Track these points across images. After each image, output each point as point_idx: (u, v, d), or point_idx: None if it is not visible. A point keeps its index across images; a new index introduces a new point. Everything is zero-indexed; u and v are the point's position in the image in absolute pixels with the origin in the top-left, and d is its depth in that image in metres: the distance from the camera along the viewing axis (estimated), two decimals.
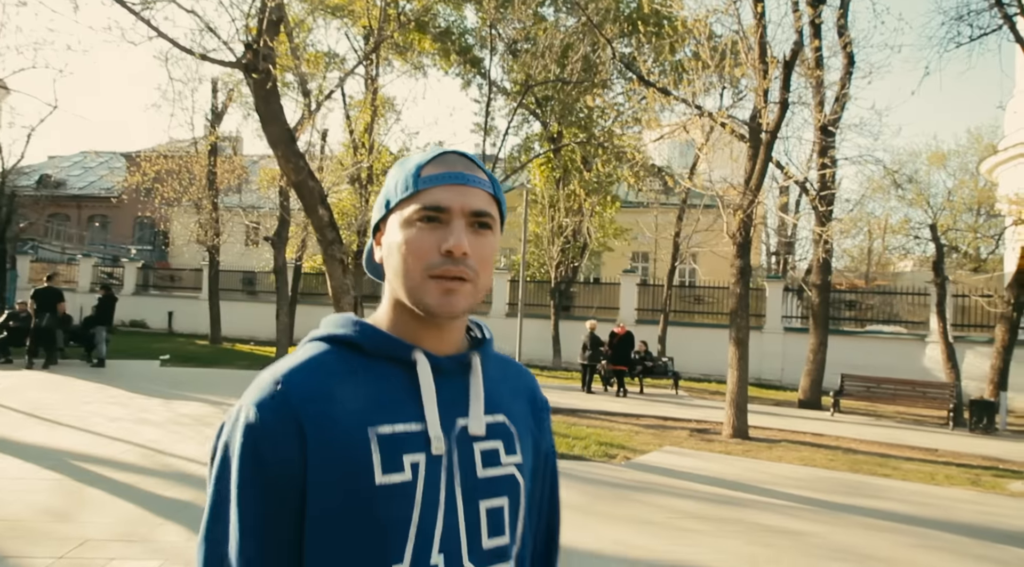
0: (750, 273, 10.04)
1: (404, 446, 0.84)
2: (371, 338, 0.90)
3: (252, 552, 0.81)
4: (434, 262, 0.86)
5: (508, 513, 0.92)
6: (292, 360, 0.88)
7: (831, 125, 11.61)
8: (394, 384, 0.88)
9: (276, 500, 0.82)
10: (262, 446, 0.81)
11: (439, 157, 0.91)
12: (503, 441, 0.94)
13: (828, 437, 9.84)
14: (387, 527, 0.82)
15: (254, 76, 7.23)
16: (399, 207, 0.91)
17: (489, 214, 0.90)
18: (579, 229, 18.49)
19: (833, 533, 5.28)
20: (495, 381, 0.98)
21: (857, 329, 17.65)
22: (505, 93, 19.68)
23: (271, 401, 0.83)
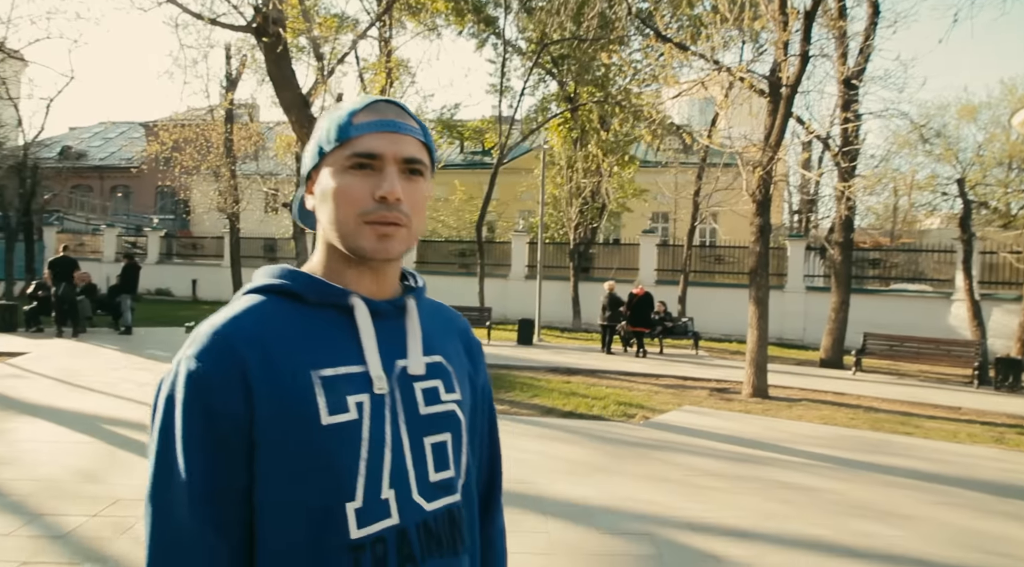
0: (770, 232, 9.91)
1: (347, 387, 0.87)
2: (307, 285, 0.92)
3: (206, 505, 0.82)
4: (368, 208, 0.88)
5: (452, 447, 0.96)
6: (228, 311, 0.89)
7: (854, 78, 11.27)
8: (333, 329, 0.90)
9: (225, 450, 0.82)
10: (208, 397, 0.82)
11: (370, 105, 0.92)
12: (442, 380, 0.97)
13: (849, 396, 9.79)
14: (337, 466, 0.84)
15: (265, 40, 7.17)
16: (331, 155, 0.92)
17: (421, 161, 0.92)
18: (597, 190, 18.31)
19: (852, 490, 5.28)
20: (430, 324, 1.01)
21: (881, 287, 17.42)
22: (520, 52, 19.36)
23: (213, 351, 0.83)
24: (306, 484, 0.83)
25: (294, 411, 0.83)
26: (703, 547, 4.04)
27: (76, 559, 3.49)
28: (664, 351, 14.23)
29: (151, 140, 20.12)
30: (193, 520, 0.82)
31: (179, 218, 34.90)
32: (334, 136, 0.92)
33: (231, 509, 0.83)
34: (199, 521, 0.82)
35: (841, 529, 4.40)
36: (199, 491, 0.82)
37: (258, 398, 0.83)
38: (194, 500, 0.82)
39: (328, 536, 0.84)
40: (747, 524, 4.43)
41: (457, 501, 0.96)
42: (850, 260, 13.66)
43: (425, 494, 0.91)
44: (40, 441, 5.74)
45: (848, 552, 4.03)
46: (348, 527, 0.84)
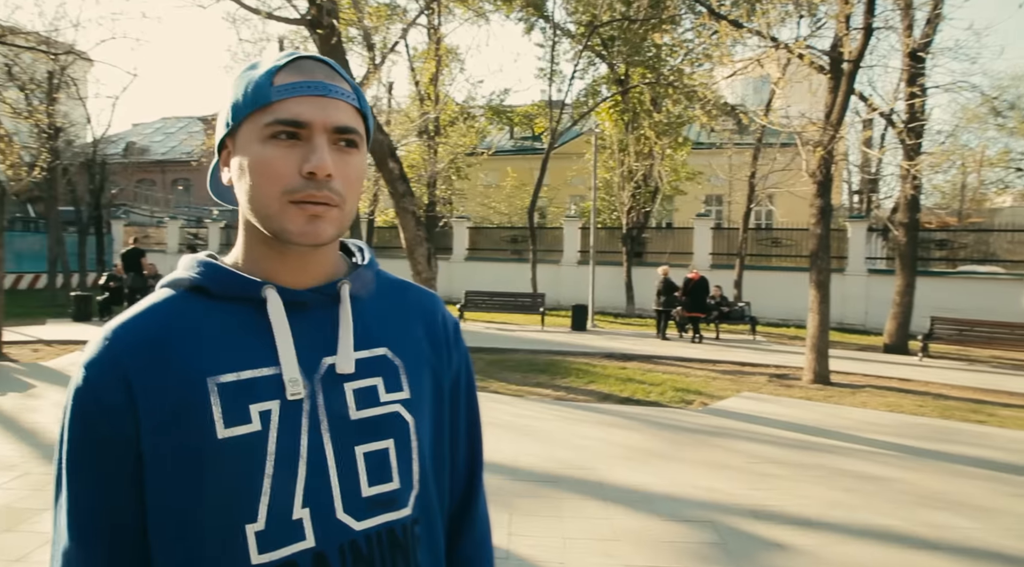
0: (831, 213, 9.61)
1: (252, 394, 0.76)
2: (214, 279, 0.80)
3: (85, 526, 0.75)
4: (294, 185, 0.76)
5: (395, 455, 0.82)
6: (130, 311, 0.80)
7: (921, 50, 10.78)
8: (243, 327, 0.79)
9: (109, 466, 0.74)
10: (89, 410, 0.74)
11: (293, 62, 0.79)
12: (383, 377, 0.84)
13: (916, 382, 9.46)
14: (234, 485, 0.74)
15: (319, 32, 7.26)
16: (248, 121, 0.78)
17: (355, 131, 0.79)
18: (650, 173, 18.06)
19: (923, 480, 5.12)
20: (380, 309, 0.88)
21: (948, 269, 16.74)
22: (569, 35, 19.16)
23: (98, 359, 0.75)
24: (199, 505, 0.73)
25: (184, 424, 0.73)
26: (767, 535, 3.99)
27: None
28: (720, 336, 14.01)
29: (210, 133, 20.71)
30: (78, 551, 0.75)
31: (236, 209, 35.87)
32: (251, 99, 0.78)
33: (121, 535, 0.75)
34: (84, 552, 0.75)
35: (912, 520, 4.28)
36: (83, 519, 0.75)
37: (143, 411, 0.73)
38: (78, 529, 0.75)
39: (226, 561, 0.74)
40: (812, 513, 4.35)
41: (404, 517, 0.82)
42: (916, 241, 13.16)
43: (354, 512, 0.79)
44: None
45: (921, 544, 3.92)
46: (248, 551, 0.74)
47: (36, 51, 12.51)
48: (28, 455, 5.10)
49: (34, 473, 4.67)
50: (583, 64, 19.67)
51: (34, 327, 12.52)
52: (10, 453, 5.13)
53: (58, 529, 0.77)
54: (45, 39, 13.00)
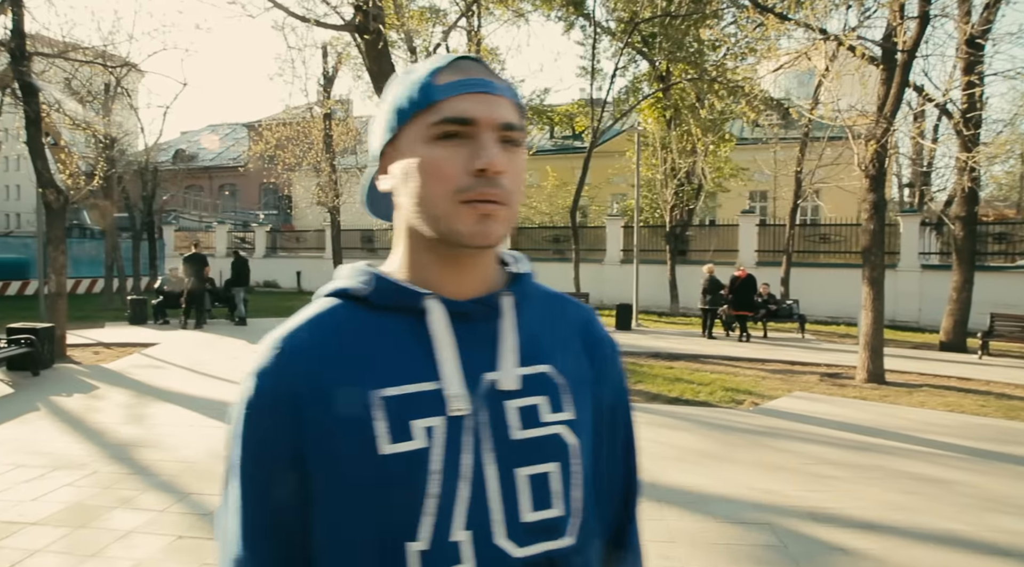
0: (885, 207, 9.35)
1: (415, 409, 0.74)
2: (376, 289, 0.79)
3: (256, 541, 0.75)
4: (465, 184, 0.73)
5: (559, 480, 0.78)
6: (295, 320, 0.79)
7: (980, 37, 10.40)
8: (406, 339, 0.77)
9: (277, 475, 0.75)
10: (258, 420, 0.75)
11: (453, 63, 0.78)
12: (547, 395, 0.80)
13: (976, 381, 9.15)
14: (397, 502, 0.72)
15: (365, 37, 7.38)
16: (411, 124, 0.77)
17: (519, 127, 0.78)
18: (693, 170, 17.83)
19: (988, 483, 4.96)
20: (539, 323, 0.84)
21: (1007, 264, 16.13)
22: (610, 33, 19.04)
23: (267, 367, 0.75)
24: (362, 521, 0.73)
25: (349, 438, 0.72)
26: (828, 538, 3.91)
27: None
28: (768, 335, 13.76)
29: (255, 139, 21.18)
30: (247, 557, 0.75)
31: (282, 213, 36.67)
32: (415, 101, 0.76)
33: (287, 544, 0.76)
34: (253, 559, 0.75)
35: (979, 524, 4.14)
36: (251, 526, 0.75)
37: (308, 424, 0.73)
38: (247, 536, 0.75)
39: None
40: (873, 515, 4.25)
41: (566, 547, 0.77)
42: (974, 236, 12.71)
43: (515, 537, 0.75)
44: (179, 425, 6.22)
45: (990, 549, 3.80)
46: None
47: (94, 64, 12.95)
48: (96, 454, 5.30)
49: (102, 472, 4.85)
50: (624, 61, 19.53)
51: (94, 330, 12.99)
52: (79, 452, 5.34)
53: (227, 534, 0.77)
54: (101, 52, 13.46)
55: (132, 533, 3.79)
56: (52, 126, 12.92)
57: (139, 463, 5.09)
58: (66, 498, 4.32)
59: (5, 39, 9.63)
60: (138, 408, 6.96)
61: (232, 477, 0.77)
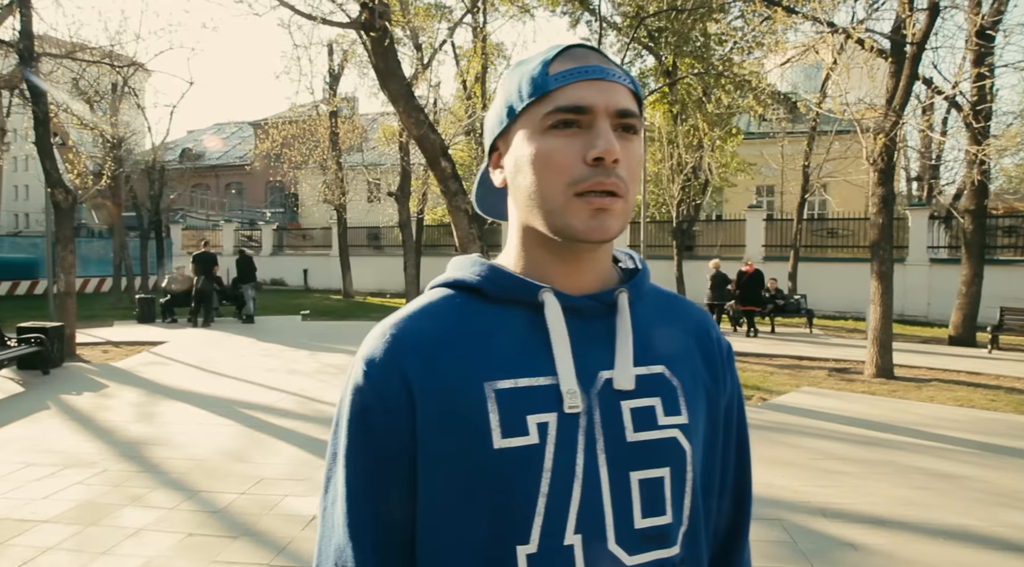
0: (893, 201, 9.29)
1: (530, 403, 0.71)
2: (492, 280, 0.77)
3: (363, 532, 0.73)
4: (580, 175, 0.71)
5: (670, 486, 0.75)
6: (407, 309, 0.78)
7: (990, 28, 10.31)
8: (521, 332, 0.75)
9: (387, 472, 0.73)
10: (368, 408, 0.73)
11: (566, 51, 0.75)
12: (662, 397, 0.77)
13: (986, 376, 9.09)
14: (508, 500, 0.69)
15: (371, 34, 7.35)
16: (524, 116, 0.75)
17: (636, 114, 0.74)
18: (699, 165, 17.77)
19: (1000, 478, 4.92)
20: (653, 323, 0.81)
21: (1018, 257, 16.01)
22: (616, 28, 18.96)
23: (379, 357, 0.73)
24: (471, 519, 0.70)
25: (461, 430, 0.70)
26: (838, 534, 3.90)
27: (233, 532, 3.78)
28: (776, 330, 13.71)
29: (262, 138, 21.25)
30: (351, 547, 0.73)
31: (289, 211, 36.76)
32: (527, 91, 0.74)
33: (392, 538, 0.74)
34: (357, 549, 0.73)
35: (991, 520, 4.11)
36: (357, 516, 0.73)
37: (421, 414, 0.71)
38: (352, 526, 0.73)
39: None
40: (883, 511, 4.23)
41: (674, 556, 0.74)
42: (984, 229, 12.62)
43: (626, 544, 0.72)
44: (188, 423, 6.24)
45: (1001, 544, 3.77)
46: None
47: (101, 64, 13.00)
48: (106, 452, 5.33)
49: (112, 470, 4.88)
50: (630, 57, 19.45)
51: (102, 329, 13.06)
52: (90, 450, 5.37)
53: (329, 523, 0.75)
54: (109, 52, 13.51)
55: (142, 531, 3.80)
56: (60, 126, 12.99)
57: (148, 461, 5.11)
58: (76, 496, 4.34)
59: (14, 40, 9.67)
60: (147, 406, 6.99)
61: (337, 465, 0.75)
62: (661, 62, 18.40)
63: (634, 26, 16.03)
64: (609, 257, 0.82)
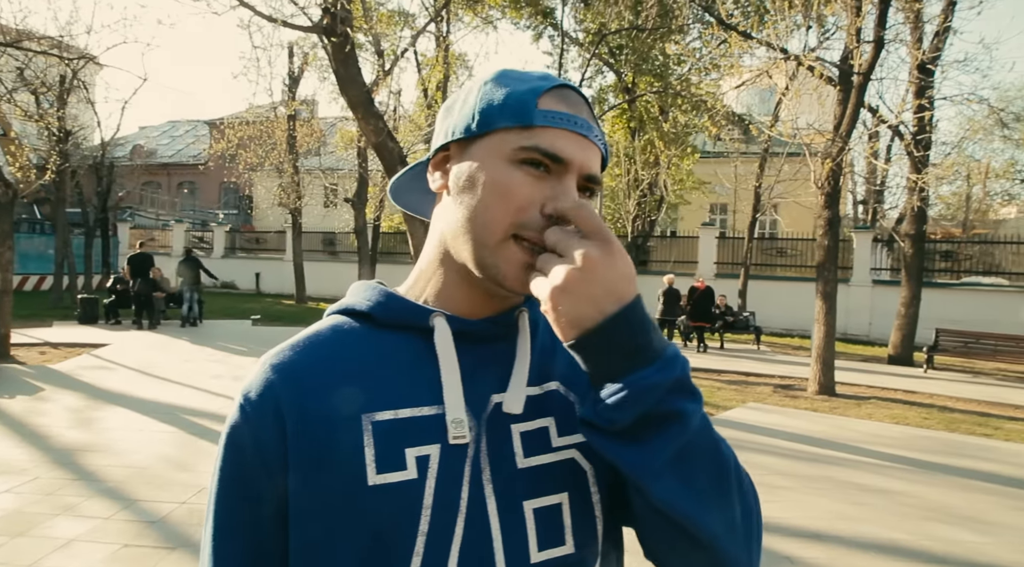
0: (839, 224, 9.62)
1: (410, 436, 0.67)
2: (383, 306, 0.73)
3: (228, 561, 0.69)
4: (531, 221, 0.67)
5: (570, 512, 0.70)
6: (292, 339, 0.74)
7: (930, 63, 10.81)
8: (408, 360, 0.71)
9: (256, 505, 0.69)
10: (242, 445, 0.69)
11: (559, 90, 0.71)
12: (556, 417, 0.72)
13: (921, 394, 9.46)
14: (384, 539, 0.65)
15: (332, 40, 7.31)
16: (498, 134, 0.69)
17: (600, 181, 0.72)
18: (656, 182, 18.11)
19: (930, 493, 5.13)
20: (552, 339, 0.77)
21: (953, 281, 16.73)
22: (578, 44, 19.24)
23: (254, 391, 0.70)
24: (345, 560, 0.66)
25: (334, 466, 0.66)
26: (776, 548, 4.00)
27: (171, 543, 3.68)
28: (725, 346, 14.01)
29: (217, 137, 20.82)
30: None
31: (242, 213, 36.04)
32: (512, 114, 0.69)
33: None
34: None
35: (920, 534, 4.28)
36: (223, 557, 0.69)
37: (294, 449, 0.67)
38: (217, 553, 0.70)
39: None
40: (820, 526, 4.36)
41: None
42: (922, 253, 13.16)
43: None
44: (128, 430, 6.05)
45: (929, 558, 3.93)
46: None
47: (49, 55, 12.58)
48: (38, 459, 5.13)
49: (44, 478, 4.70)
50: (591, 72, 19.75)
51: (41, 329, 12.58)
52: (20, 457, 5.16)
53: (202, 562, 0.72)
54: (58, 43, 13.09)
55: (73, 542, 3.67)
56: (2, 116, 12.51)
57: (84, 469, 4.94)
58: (4, 505, 4.17)
59: None
60: (85, 411, 6.76)
61: (209, 508, 0.71)
62: (621, 79, 18.74)
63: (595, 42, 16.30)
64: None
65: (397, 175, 0.86)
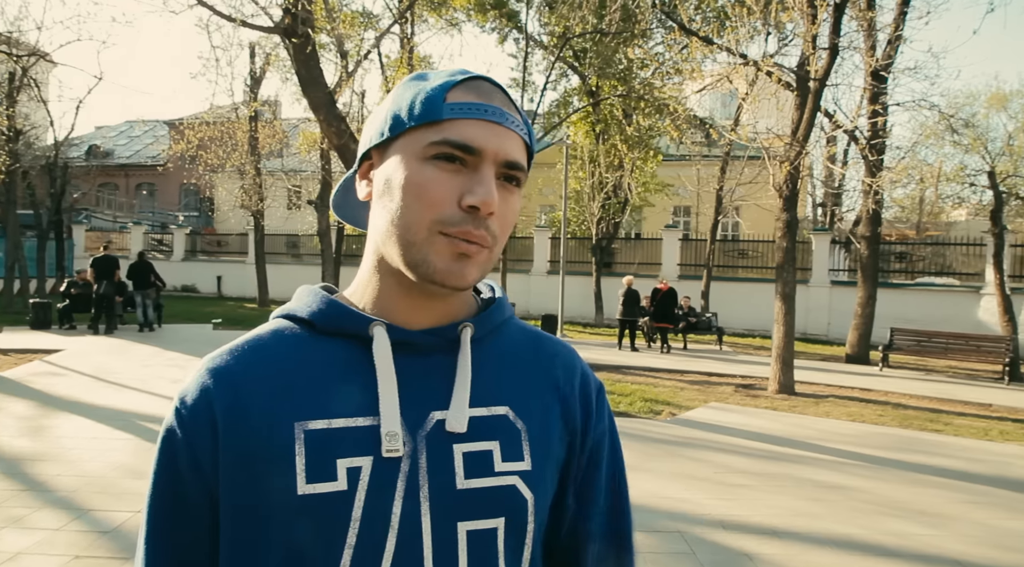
0: (797, 226, 9.83)
1: (342, 446, 0.66)
2: (323, 312, 0.72)
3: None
4: (450, 217, 0.66)
5: (503, 538, 0.70)
6: (232, 343, 0.73)
7: (883, 70, 11.13)
8: (346, 369, 0.70)
9: (187, 513, 0.69)
10: (175, 449, 0.69)
11: (469, 82, 0.71)
12: (501, 441, 0.71)
13: (877, 392, 9.71)
14: (311, 552, 0.64)
15: (294, 41, 7.24)
16: (409, 135, 0.69)
17: (523, 168, 0.71)
18: (620, 184, 18.27)
19: (883, 488, 5.26)
20: (504, 361, 0.76)
21: (907, 282, 17.22)
22: (543, 47, 19.35)
23: (189, 395, 0.69)
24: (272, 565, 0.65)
25: (264, 474, 0.65)
26: (735, 545, 4.06)
27: (124, 554, 3.59)
28: (688, 346, 14.19)
29: (177, 138, 20.40)
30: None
31: (203, 215, 35.36)
32: (419, 111, 0.68)
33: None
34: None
35: (874, 528, 4.39)
36: (153, 562, 0.69)
37: (224, 455, 0.66)
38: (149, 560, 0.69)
39: None
40: (778, 522, 4.44)
41: None
42: (877, 254, 13.52)
43: None
44: (81, 438, 5.89)
45: (882, 551, 4.03)
46: None
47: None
48: None
49: None
50: (556, 75, 19.90)
51: None
52: None
53: (136, 561, 0.72)
54: (6, 39, 12.69)
55: (20, 555, 3.56)
56: None
57: (34, 478, 4.79)
58: None
59: None
60: (36, 419, 6.55)
61: (144, 510, 0.71)
62: (585, 82, 18.87)
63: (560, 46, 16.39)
64: (463, 295, 0.77)
65: (333, 191, 0.86)
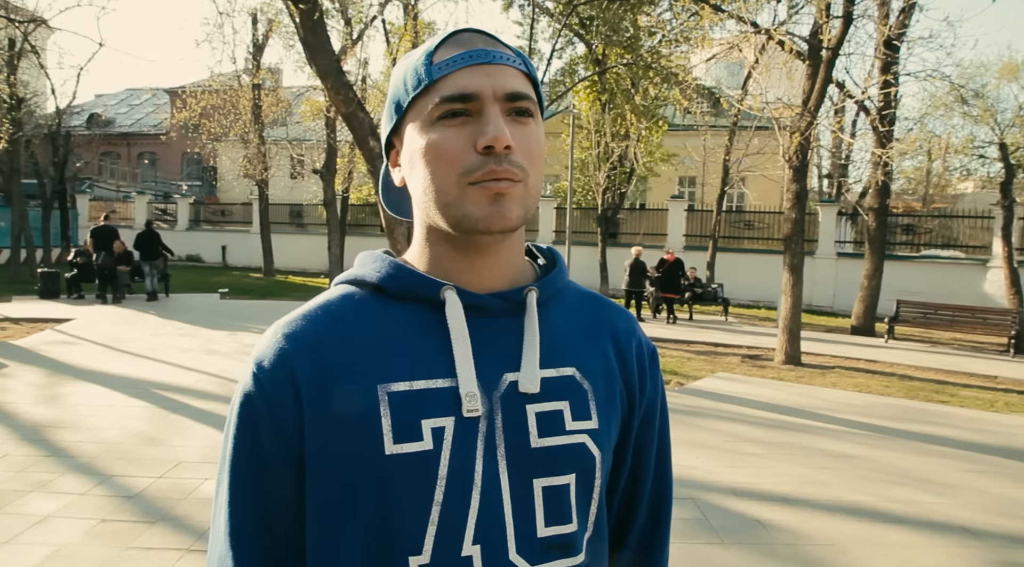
0: (806, 198, 9.78)
1: (425, 407, 0.68)
2: (393, 277, 0.74)
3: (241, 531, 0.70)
4: (472, 164, 0.67)
5: (576, 493, 0.73)
6: (303, 308, 0.74)
7: (896, 39, 10.96)
8: (421, 332, 0.71)
9: (271, 473, 0.70)
10: (256, 412, 0.69)
11: (451, 37, 0.72)
12: (571, 401, 0.73)
13: (883, 364, 9.77)
14: (400, 509, 0.66)
15: (301, 7, 7.13)
16: (412, 109, 0.72)
17: (528, 96, 0.70)
18: (625, 154, 18.13)
19: (890, 458, 5.33)
20: (568, 323, 0.78)
21: (913, 254, 17.18)
22: (548, 14, 19.02)
23: (268, 359, 0.70)
24: (361, 527, 0.67)
25: (351, 435, 0.67)
26: (747, 512, 4.14)
27: (150, 518, 3.67)
28: (694, 317, 14.23)
29: (179, 107, 20.24)
30: (231, 556, 0.70)
31: (207, 184, 35.23)
32: (412, 83, 0.71)
33: (279, 546, 0.71)
34: (238, 558, 0.70)
35: (882, 496, 4.46)
36: (240, 524, 0.70)
37: (309, 417, 0.68)
38: (234, 534, 0.70)
39: None
40: (789, 490, 4.52)
41: (579, 564, 0.73)
42: (885, 226, 13.46)
43: (528, 554, 0.69)
44: (98, 405, 5.96)
45: (891, 518, 4.10)
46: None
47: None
48: (6, 436, 5.04)
49: (14, 455, 4.63)
50: (561, 43, 19.61)
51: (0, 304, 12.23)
52: None
53: (216, 531, 0.72)
54: (5, 3, 12.52)
55: (50, 518, 3.64)
56: None
57: (55, 445, 4.87)
58: None
59: None
60: (52, 387, 6.63)
61: (223, 473, 0.72)
62: (591, 50, 18.60)
63: (566, 13, 16.13)
64: (519, 252, 0.78)
65: (380, 189, 0.88)
